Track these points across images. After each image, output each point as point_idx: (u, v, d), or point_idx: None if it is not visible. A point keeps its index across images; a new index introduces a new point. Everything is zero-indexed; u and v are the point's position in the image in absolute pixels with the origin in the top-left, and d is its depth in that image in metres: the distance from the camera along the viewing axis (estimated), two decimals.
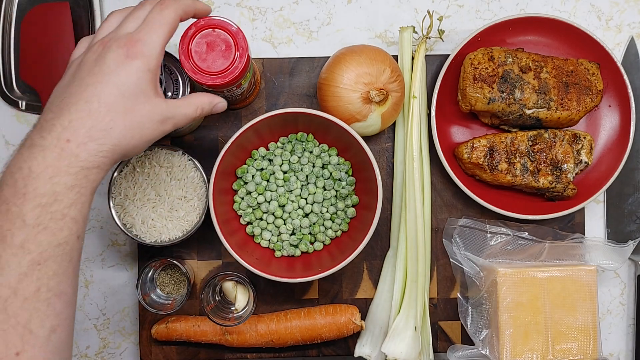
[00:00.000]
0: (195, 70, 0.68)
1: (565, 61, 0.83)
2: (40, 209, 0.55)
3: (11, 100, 0.86)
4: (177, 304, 0.80)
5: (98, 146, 0.57)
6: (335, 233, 0.82)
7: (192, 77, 0.69)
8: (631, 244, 0.83)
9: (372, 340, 0.84)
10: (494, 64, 0.81)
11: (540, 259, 0.83)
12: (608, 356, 0.89)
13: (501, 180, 0.82)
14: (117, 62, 0.59)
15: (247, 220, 0.82)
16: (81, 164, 0.56)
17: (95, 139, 0.57)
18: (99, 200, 0.87)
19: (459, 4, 0.89)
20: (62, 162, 0.56)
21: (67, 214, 0.56)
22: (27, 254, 0.54)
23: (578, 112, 0.82)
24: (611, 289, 0.89)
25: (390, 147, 0.86)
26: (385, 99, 0.78)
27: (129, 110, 0.59)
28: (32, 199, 0.55)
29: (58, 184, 0.55)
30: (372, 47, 0.80)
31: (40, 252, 0.54)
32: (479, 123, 0.86)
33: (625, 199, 0.88)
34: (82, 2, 0.87)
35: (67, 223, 0.56)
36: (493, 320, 0.81)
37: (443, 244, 0.86)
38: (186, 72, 0.69)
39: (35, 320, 0.54)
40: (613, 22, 0.89)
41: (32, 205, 0.54)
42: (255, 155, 0.82)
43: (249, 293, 0.81)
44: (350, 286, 0.86)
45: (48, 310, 0.55)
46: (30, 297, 0.54)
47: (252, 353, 0.85)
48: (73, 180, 0.56)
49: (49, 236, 0.55)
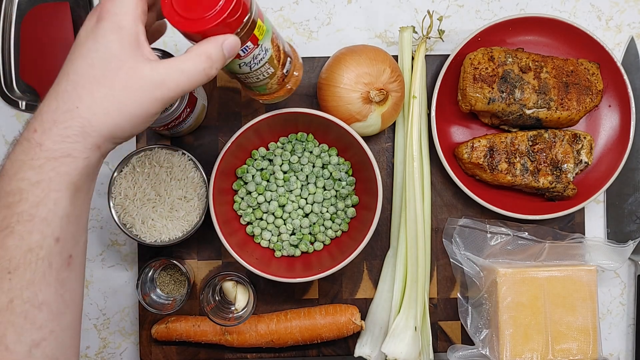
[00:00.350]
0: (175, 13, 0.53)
1: (565, 61, 0.83)
2: (5, 210, 0.48)
3: (11, 100, 0.86)
4: (177, 304, 0.80)
5: (63, 130, 0.48)
6: (335, 233, 0.82)
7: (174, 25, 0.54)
8: (631, 244, 0.83)
9: (372, 340, 0.84)
10: (494, 64, 0.81)
11: (540, 259, 0.83)
12: (608, 356, 0.89)
13: (501, 180, 0.82)
14: (87, 30, 0.51)
15: (247, 220, 0.82)
16: (45, 154, 0.48)
17: (59, 123, 0.49)
18: (99, 200, 0.87)
19: (459, 4, 0.89)
20: (26, 156, 0.48)
21: (34, 214, 0.48)
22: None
23: (578, 112, 0.82)
24: (611, 289, 0.89)
25: (390, 147, 0.86)
26: (385, 99, 0.78)
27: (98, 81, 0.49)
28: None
29: (22, 179, 0.48)
30: (372, 47, 0.80)
31: (9, 258, 0.47)
32: (479, 123, 0.86)
33: (625, 199, 0.88)
34: (82, 2, 0.87)
35: (37, 225, 0.48)
36: (493, 320, 0.81)
37: (443, 244, 0.86)
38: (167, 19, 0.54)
39: (10, 336, 0.47)
40: (613, 22, 0.89)
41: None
42: (256, 155, 0.82)
43: (249, 293, 0.81)
44: (350, 286, 0.86)
45: (25, 323, 0.47)
46: (3, 310, 0.47)
47: (252, 353, 0.85)
48: (37, 174, 0.48)
49: (17, 240, 0.47)
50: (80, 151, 0.49)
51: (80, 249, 0.52)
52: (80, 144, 0.49)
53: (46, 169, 0.48)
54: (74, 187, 0.49)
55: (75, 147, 0.49)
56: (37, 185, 0.48)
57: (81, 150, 0.49)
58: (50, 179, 0.48)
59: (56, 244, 0.49)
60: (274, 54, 0.62)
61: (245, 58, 0.60)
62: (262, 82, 0.65)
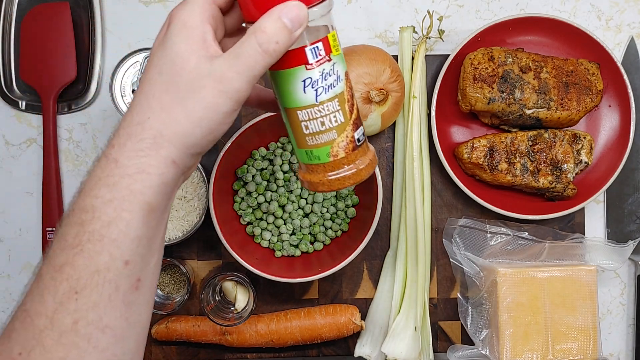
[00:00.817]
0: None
1: (565, 61, 0.83)
2: (78, 227, 0.46)
3: (11, 100, 0.86)
4: (177, 304, 0.80)
5: (136, 144, 0.46)
6: (335, 233, 0.82)
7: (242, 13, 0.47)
8: (631, 244, 0.83)
9: (372, 340, 0.84)
10: (494, 64, 0.81)
11: (540, 259, 0.83)
12: (608, 356, 0.89)
13: (501, 180, 0.82)
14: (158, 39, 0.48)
15: (247, 220, 0.82)
16: (120, 171, 0.46)
17: (132, 136, 0.46)
18: None
19: (459, 4, 0.89)
20: (103, 172, 0.46)
21: (105, 234, 0.45)
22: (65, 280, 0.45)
23: (578, 112, 0.82)
24: (611, 289, 0.89)
25: (390, 147, 0.86)
26: (385, 99, 0.78)
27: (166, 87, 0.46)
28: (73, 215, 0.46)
29: (96, 197, 0.46)
30: (372, 47, 0.80)
31: (77, 278, 0.45)
32: (479, 123, 0.86)
33: (625, 199, 0.88)
34: (82, 2, 0.87)
35: (106, 246, 0.45)
36: (493, 320, 0.81)
37: (443, 244, 0.86)
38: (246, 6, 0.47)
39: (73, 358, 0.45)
40: (613, 22, 0.89)
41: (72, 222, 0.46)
42: (256, 155, 0.82)
43: (249, 293, 0.81)
44: (350, 286, 0.86)
45: (89, 346, 0.45)
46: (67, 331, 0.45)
47: (252, 353, 0.85)
48: (110, 192, 0.45)
49: (86, 260, 0.45)
50: (154, 166, 0.46)
51: (149, 271, 0.49)
52: (153, 158, 0.46)
53: (120, 186, 0.45)
54: (148, 207, 0.46)
55: (149, 162, 0.46)
56: (109, 203, 0.45)
57: (155, 166, 0.46)
58: (123, 198, 0.45)
59: (125, 267, 0.46)
60: (346, 93, 0.50)
61: (314, 69, 0.48)
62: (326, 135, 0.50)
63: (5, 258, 0.87)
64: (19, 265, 0.87)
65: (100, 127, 0.87)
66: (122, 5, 0.88)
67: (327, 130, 0.50)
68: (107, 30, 0.88)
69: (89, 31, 0.86)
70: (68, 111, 0.87)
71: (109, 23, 0.88)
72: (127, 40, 0.88)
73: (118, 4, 0.88)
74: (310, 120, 0.49)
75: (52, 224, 0.85)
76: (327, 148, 0.50)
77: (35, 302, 0.46)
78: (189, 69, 0.46)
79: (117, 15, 0.88)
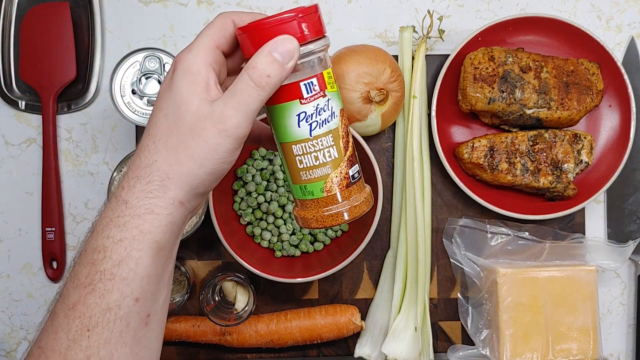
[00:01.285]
0: (254, 26, 0.47)
1: (565, 61, 0.83)
2: (90, 266, 0.48)
3: (11, 100, 0.86)
4: (177, 304, 0.80)
5: (145, 185, 0.48)
6: (335, 233, 0.82)
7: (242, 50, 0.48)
8: (631, 244, 0.83)
9: (372, 341, 0.84)
10: (494, 64, 0.81)
11: (541, 259, 0.83)
12: (608, 356, 0.89)
13: (501, 180, 0.82)
14: (165, 83, 0.50)
15: (247, 220, 0.82)
16: (130, 212, 0.48)
17: (141, 178, 0.48)
18: (98, 201, 0.87)
19: (459, 4, 0.89)
20: (113, 213, 0.48)
21: (115, 273, 0.47)
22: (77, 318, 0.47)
23: (578, 112, 0.82)
24: (611, 289, 0.89)
25: (390, 147, 0.86)
26: (385, 99, 0.78)
27: (171, 130, 0.48)
28: (85, 255, 0.48)
29: (107, 237, 0.47)
30: (372, 47, 0.80)
31: (89, 316, 0.47)
32: (479, 123, 0.86)
33: (626, 199, 0.88)
34: (82, 2, 0.87)
35: (117, 284, 0.47)
36: (493, 320, 0.81)
37: (443, 244, 0.86)
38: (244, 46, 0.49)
39: None
40: (613, 22, 0.89)
41: (85, 261, 0.48)
42: (256, 155, 0.82)
43: (249, 293, 0.81)
44: (350, 286, 0.86)
45: None
46: None
47: (252, 353, 0.85)
48: (121, 232, 0.47)
49: (97, 298, 0.47)
50: (162, 207, 0.48)
51: (159, 307, 0.51)
52: (161, 199, 0.48)
53: (129, 226, 0.47)
54: (157, 246, 0.48)
55: (157, 203, 0.48)
56: (119, 243, 0.47)
57: (163, 207, 0.48)
58: (133, 237, 0.47)
59: (135, 304, 0.48)
60: (341, 129, 0.50)
61: (308, 103, 0.49)
62: (320, 170, 0.50)
63: (5, 258, 0.87)
64: (18, 265, 0.87)
65: (100, 127, 0.87)
66: (122, 5, 0.88)
67: (320, 165, 0.50)
68: (107, 30, 0.88)
69: (89, 31, 0.86)
70: (68, 111, 0.87)
71: (108, 23, 0.88)
72: (127, 40, 0.88)
73: (118, 4, 0.88)
74: (305, 155, 0.50)
75: (52, 223, 0.85)
76: (321, 183, 0.50)
77: (50, 340, 0.47)
78: (192, 112, 0.47)
79: (117, 15, 0.88)
